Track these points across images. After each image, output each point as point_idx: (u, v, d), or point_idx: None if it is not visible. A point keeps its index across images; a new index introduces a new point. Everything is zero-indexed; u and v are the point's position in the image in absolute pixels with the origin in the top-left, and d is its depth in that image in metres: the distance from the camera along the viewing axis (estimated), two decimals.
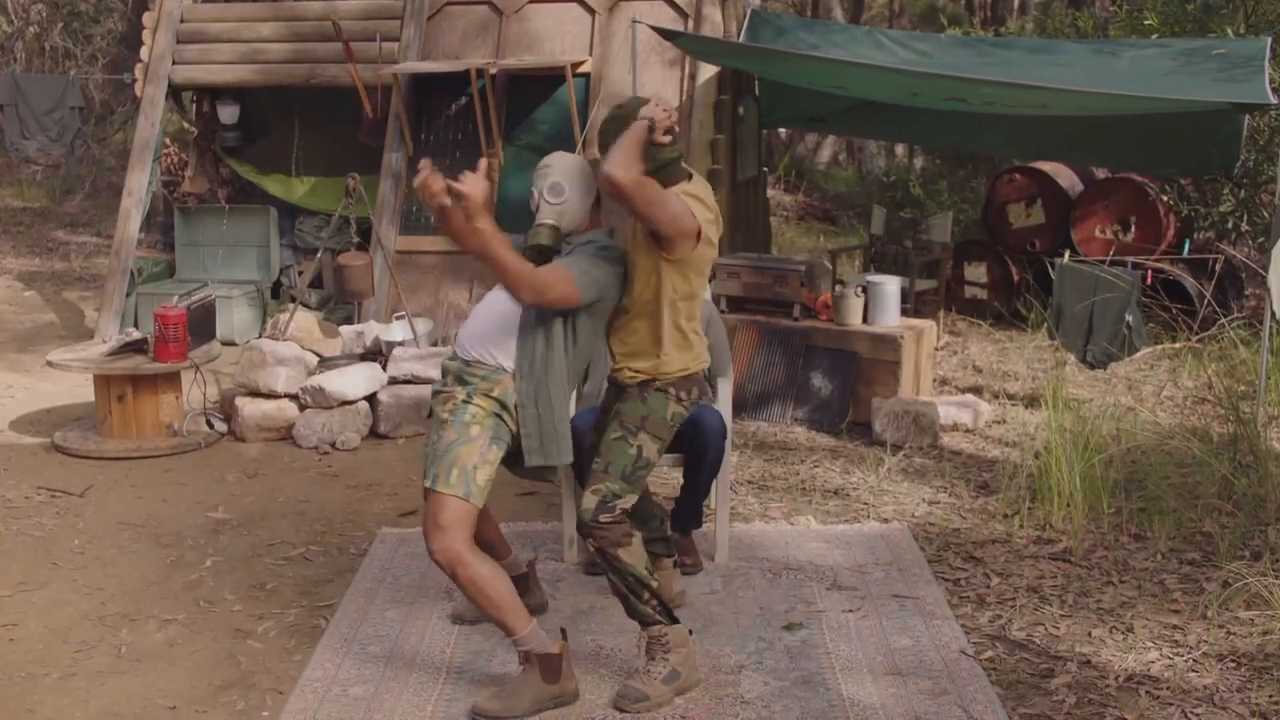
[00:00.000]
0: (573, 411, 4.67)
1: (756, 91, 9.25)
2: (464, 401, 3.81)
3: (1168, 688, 3.85)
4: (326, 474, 6.11)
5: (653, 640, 3.82)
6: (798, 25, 9.16)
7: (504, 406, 3.82)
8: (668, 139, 3.73)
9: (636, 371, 3.90)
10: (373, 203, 8.39)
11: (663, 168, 3.77)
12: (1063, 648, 4.14)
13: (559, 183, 3.87)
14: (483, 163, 3.79)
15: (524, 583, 4.32)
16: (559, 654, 3.73)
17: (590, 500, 3.78)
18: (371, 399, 6.72)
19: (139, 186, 9.00)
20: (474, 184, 3.58)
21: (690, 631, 3.92)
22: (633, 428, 3.85)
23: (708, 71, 8.45)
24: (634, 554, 3.78)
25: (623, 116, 3.78)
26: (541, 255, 3.87)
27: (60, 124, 10.71)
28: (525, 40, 8.76)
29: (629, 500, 3.80)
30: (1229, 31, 8.65)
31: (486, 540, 4.20)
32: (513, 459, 3.95)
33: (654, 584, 3.79)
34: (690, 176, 3.88)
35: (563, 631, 3.85)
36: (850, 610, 4.42)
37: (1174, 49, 7.54)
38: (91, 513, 5.54)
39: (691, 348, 3.91)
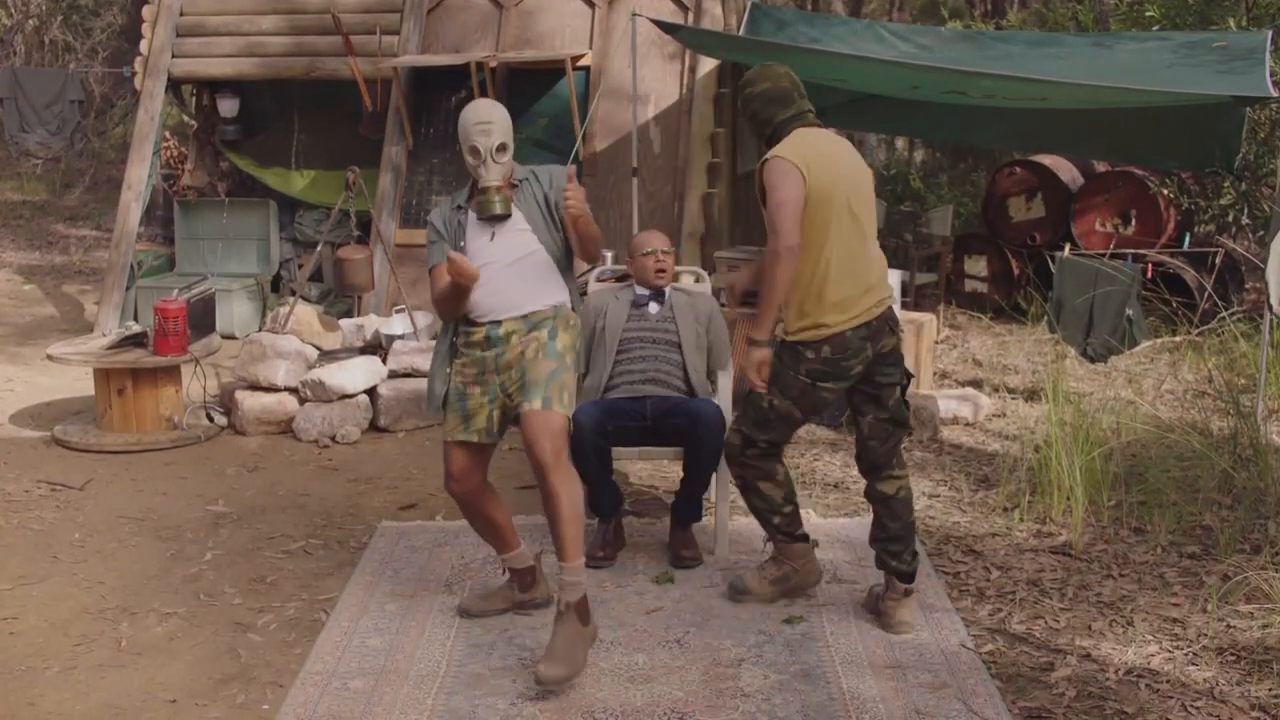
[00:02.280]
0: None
1: None
2: (550, 337, 4.00)
3: (1167, 681, 3.86)
4: (326, 467, 6.11)
5: (776, 547, 4.38)
6: (798, 18, 9.15)
7: (578, 335, 4.12)
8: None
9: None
10: (373, 196, 8.38)
11: (770, 137, 4.12)
12: (1062, 641, 4.14)
13: (505, 143, 4.03)
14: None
15: (530, 576, 4.34)
16: (585, 599, 3.89)
17: (735, 438, 4.25)
18: (371, 392, 6.72)
19: (139, 180, 9.00)
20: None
21: (815, 543, 4.44)
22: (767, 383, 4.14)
23: (708, 64, 8.44)
24: (776, 488, 4.29)
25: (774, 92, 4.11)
26: (497, 220, 4.02)
27: (60, 117, 10.71)
28: (525, 33, 8.75)
29: (764, 439, 4.19)
30: (1230, 24, 8.64)
31: (497, 524, 4.25)
32: None
33: (787, 510, 4.32)
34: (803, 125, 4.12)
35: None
36: (850, 603, 4.42)
37: (1174, 42, 7.54)
38: (91, 506, 5.54)
39: (821, 306, 4.02)
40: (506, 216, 4.00)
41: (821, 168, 3.99)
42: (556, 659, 3.75)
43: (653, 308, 5.10)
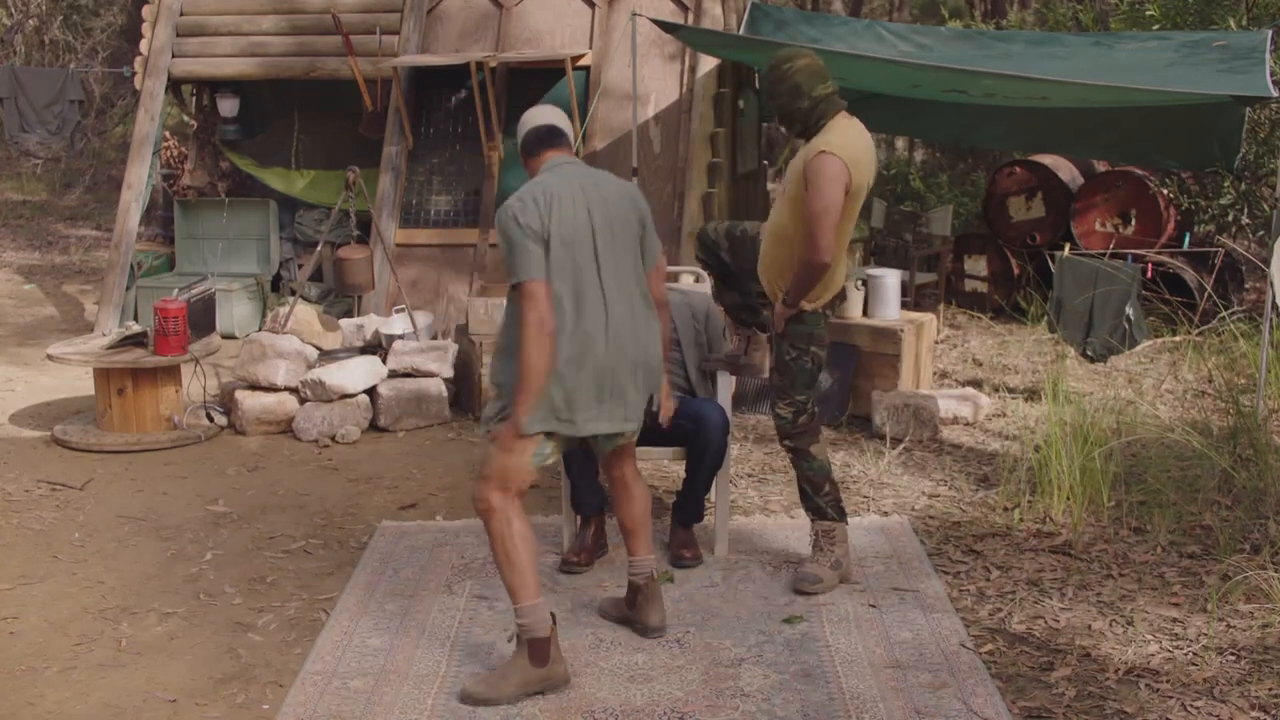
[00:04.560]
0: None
1: (757, 85, 9.25)
2: None
3: (1167, 680, 3.86)
4: (326, 467, 6.11)
5: (823, 534, 4.55)
6: (798, 18, 9.14)
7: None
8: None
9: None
10: (372, 196, 8.38)
11: (808, 113, 4.31)
12: (1063, 641, 4.14)
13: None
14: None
15: (641, 594, 4.15)
16: (547, 638, 3.75)
17: (787, 411, 4.48)
18: (371, 392, 6.72)
19: (139, 180, 8.99)
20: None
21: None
22: (804, 345, 4.44)
23: (708, 64, 8.44)
24: (822, 449, 4.54)
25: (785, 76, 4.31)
26: None
27: (60, 117, 10.70)
28: (525, 33, 8.75)
29: (812, 400, 4.51)
30: (1230, 23, 8.63)
31: (627, 526, 4.14)
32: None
33: (834, 477, 4.57)
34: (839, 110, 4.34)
35: (552, 615, 3.84)
36: (850, 603, 4.42)
37: (1174, 41, 7.54)
38: (91, 506, 5.54)
39: (833, 274, 4.41)
40: None
41: (860, 167, 4.26)
42: (483, 679, 3.78)
43: None
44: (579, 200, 3.82)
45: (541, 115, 4.06)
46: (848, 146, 4.24)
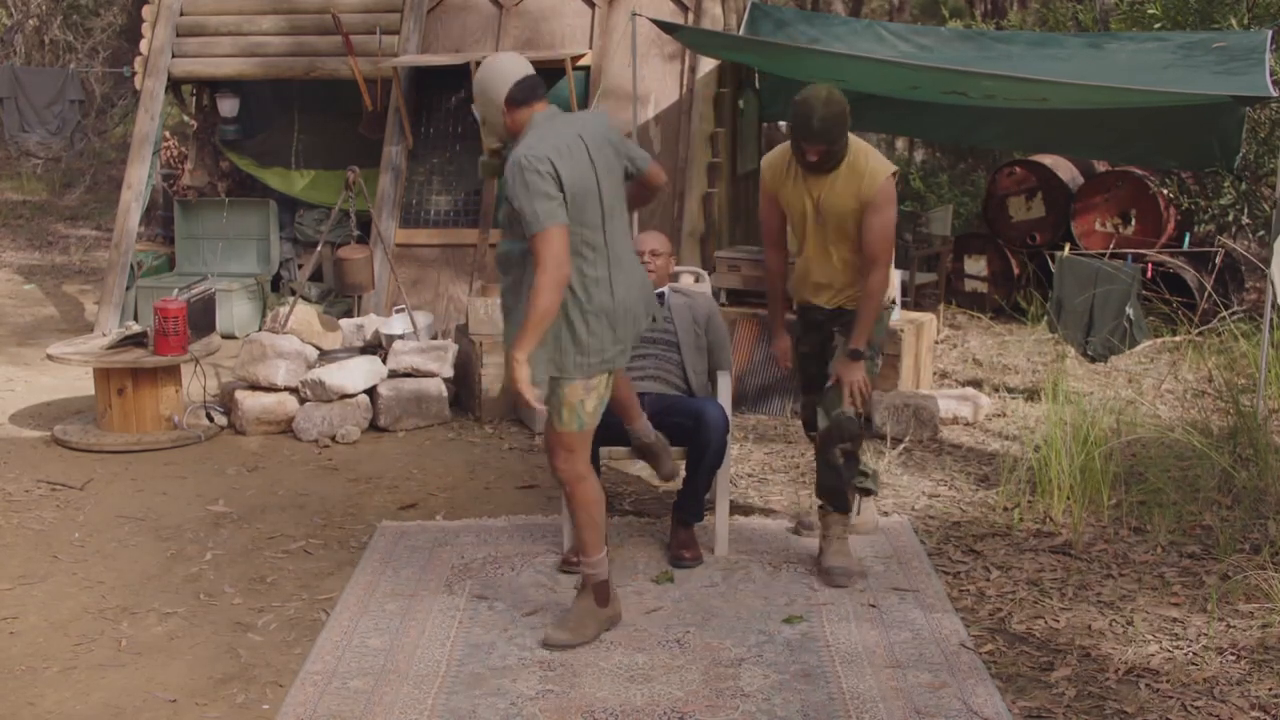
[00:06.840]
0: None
1: (757, 84, 9.25)
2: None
3: (1167, 680, 3.86)
4: (326, 467, 6.11)
5: (843, 526, 4.68)
6: (798, 18, 9.14)
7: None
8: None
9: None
10: (372, 196, 8.38)
11: (826, 159, 4.40)
12: (1062, 640, 4.14)
13: (476, 113, 4.20)
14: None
15: (652, 451, 4.56)
16: (607, 581, 4.12)
17: (854, 417, 4.57)
18: (371, 392, 6.72)
19: (139, 180, 9.00)
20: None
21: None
22: (876, 345, 4.62)
23: (707, 65, 8.44)
24: (863, 449, 4.73)
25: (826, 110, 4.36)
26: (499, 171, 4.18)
27: (60, 117, 10.71)
28: (525, 33, 8.75)
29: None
30: (1232, 23, 8.63)
31: (619, 400, 4.37)
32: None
33: (870, 470, 4.87)
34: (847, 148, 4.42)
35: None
36: (850, 603, 4.42)
37: (1174, 42, 7.54)
38: (91, 506, 5.54)
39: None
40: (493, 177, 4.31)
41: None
42: (565, 626, 4.10)
43: None
44: (580, 151, 3.92)
45: (514, 65, 3.97)
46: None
